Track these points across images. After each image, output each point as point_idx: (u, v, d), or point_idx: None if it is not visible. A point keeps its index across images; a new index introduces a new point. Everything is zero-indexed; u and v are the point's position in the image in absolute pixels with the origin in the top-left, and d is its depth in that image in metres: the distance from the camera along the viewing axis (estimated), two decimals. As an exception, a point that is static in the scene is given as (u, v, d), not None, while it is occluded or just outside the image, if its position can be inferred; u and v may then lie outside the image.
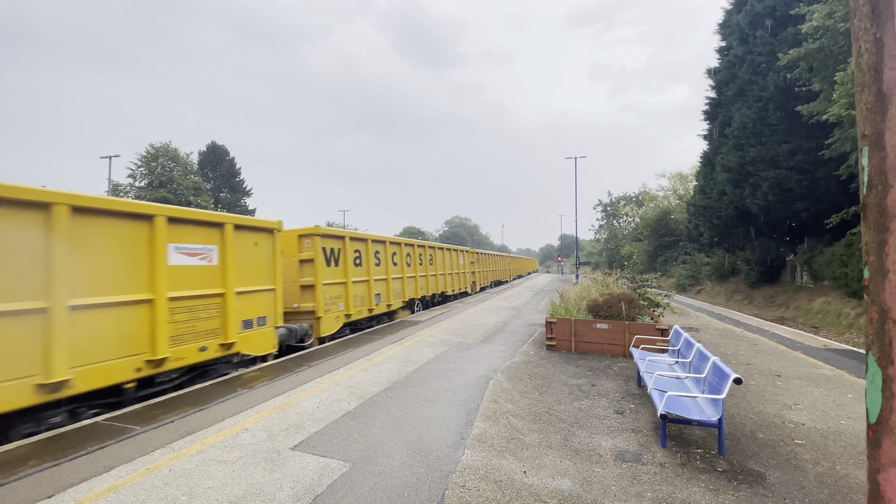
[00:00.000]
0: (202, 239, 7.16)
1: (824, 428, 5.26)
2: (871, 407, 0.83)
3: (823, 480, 3.97)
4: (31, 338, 4.80)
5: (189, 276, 6.86)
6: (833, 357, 9.34)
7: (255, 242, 8.31)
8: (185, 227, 6.85)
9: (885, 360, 0.82)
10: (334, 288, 10.97)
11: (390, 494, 3.59)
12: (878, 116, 0.79)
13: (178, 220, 6.71)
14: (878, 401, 0.82)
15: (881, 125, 0.79)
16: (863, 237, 0.86)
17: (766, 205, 19.17)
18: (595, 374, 7.55)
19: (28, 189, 4.87)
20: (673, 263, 38.40)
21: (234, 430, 4.92)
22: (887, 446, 0.81)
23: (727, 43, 22.64)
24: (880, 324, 0.83)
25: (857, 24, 0.83)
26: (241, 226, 7.94)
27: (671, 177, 47.32)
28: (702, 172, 26.98)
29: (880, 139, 0.80)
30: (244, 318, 7.90)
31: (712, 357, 5.10)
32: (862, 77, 0.82)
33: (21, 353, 4.73)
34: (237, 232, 7.81)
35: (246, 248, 8.07)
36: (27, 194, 4.83)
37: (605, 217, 66.96)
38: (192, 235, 7.00)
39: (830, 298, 15.80)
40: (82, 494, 3.57)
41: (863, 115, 0.82)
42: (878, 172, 0.78)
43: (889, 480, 0.81)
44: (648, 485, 3.83)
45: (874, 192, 0.82)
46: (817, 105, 14.43)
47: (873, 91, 0.79)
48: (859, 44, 0.82)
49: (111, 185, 37.31)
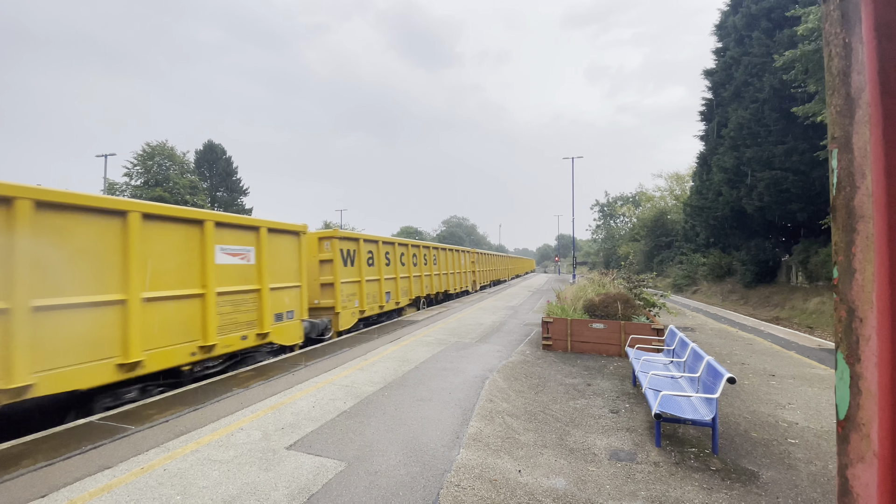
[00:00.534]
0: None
1: (818, 427, 5.29)
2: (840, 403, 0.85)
3: (816, 479, 4.00)
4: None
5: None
6: (827, 357, 9.40)
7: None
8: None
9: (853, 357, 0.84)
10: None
11: (385, 494, 3.60)
12: (846, 119, 0.81)
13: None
14: (847, 397, 0.84)
15: (849, 128, 0.81)
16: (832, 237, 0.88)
17: (762, 205, 19.26)
18: (591, 374, 7.58)
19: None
20: (669, 263, 38.54)
21: (230, 430, 4.92)
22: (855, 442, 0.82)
23: (724, 44, 22.74)
24: (848, 322, 0.84)
25: (828, 28, 0.85)
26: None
27: (668, 177, 47.56)
28: (698, 173, 27.09)
29: (848, 142, 0.81)
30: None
31: (706, 357, 5.13)
32: (832, 81, 0.84)
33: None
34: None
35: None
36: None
37: (602, 217, 67.19)
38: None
39: (825, 299, 15.89)
40: (76, 494, 3.57)
41: (832, 118, 0.83)
42: (846, 174, 0.80)
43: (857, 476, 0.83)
44: (642, 483, 3.85)
45: (843, 193, 0.84)
46: (812, 106, 14.51)
47: (842, 94, 0.81)
48: (830, 48, 0.83)
49: (107, 184, 37.18)
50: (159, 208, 6.51)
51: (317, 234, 11.45)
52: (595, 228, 69.09)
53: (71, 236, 5.33)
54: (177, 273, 6.71)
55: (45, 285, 4.99)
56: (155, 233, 6.36)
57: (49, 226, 5.09)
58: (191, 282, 6.95)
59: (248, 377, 7.23)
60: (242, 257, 8.06)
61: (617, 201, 64.47)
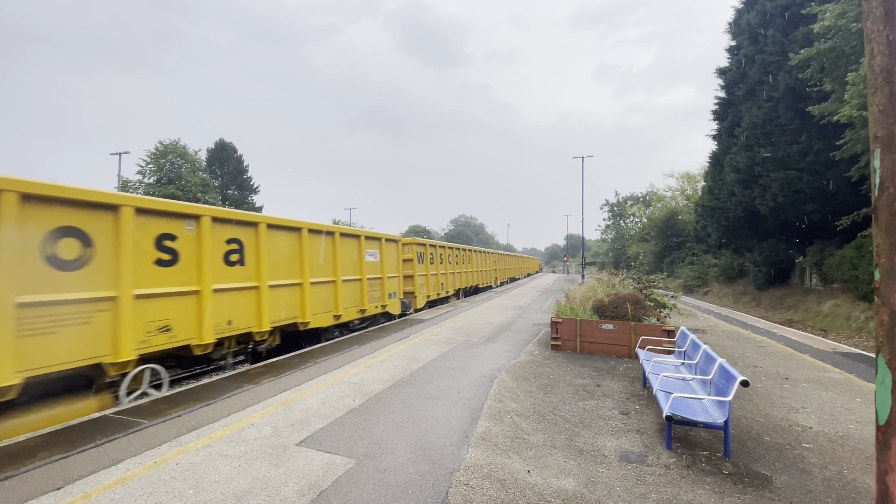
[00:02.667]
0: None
1: (832, 432, 5.21)
2: (880, 409, 0.83)
3: (831, 485, 3.93)
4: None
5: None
6: (842, 360, 9.24)
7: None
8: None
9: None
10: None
11: (394, 491, 3.61)
12: (890, 119, 0.78)
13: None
14: (888, 403, 0.81)
15: (893, 127, 0.78)
16: (874, 239, 0.86)
17: (776, 206, 18.96)
18: (600, 375, 7.53)
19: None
20: (680, 264, 38.15)
21: (241, 426, 4.96)
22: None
23: (737, 42, 22.39)
24: (890, 325, 0.82)
25: (871, 26, 0.82)
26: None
27: (679, 177, 47.05)
28: (710, 173, 26.75)
29: (893, 141, 0.79)
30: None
31: (719, 359, 5.06)
32: (874, 79, 0.81)
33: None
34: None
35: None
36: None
37: (611, 217, 66.66)
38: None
39: (840, 301, 15.62)
40: (91, 486, 3.62)
41: (875, 118, 0.81)
42: (890, 175, 0.78)
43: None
44: (653, 486, 3.81)
45: (886, 194, 0.81)
46: (829, 105, 14.25)
47: (886, 93, 0.78)
48: (872, 46, 0.81)
49: (120, 182, 37.67)
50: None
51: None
52: (605, 228, 68.59)
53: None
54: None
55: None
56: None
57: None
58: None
59: (258, 373, 7.28)
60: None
61: (627, 201, 63.92)
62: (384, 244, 13.42)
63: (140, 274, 6.06)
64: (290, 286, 9.10)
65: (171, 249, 6.60)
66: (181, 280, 6.70)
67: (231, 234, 7.71)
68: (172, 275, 6.57)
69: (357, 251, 11.88)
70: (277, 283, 8.69)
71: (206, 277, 7.01)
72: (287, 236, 9.14)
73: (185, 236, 6.82)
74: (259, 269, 8.22)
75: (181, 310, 6.67)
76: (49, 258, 5.09)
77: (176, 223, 6.67)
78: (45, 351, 4.99)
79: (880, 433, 0.83)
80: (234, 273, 7.71)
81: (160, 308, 6.34)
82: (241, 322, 7.81)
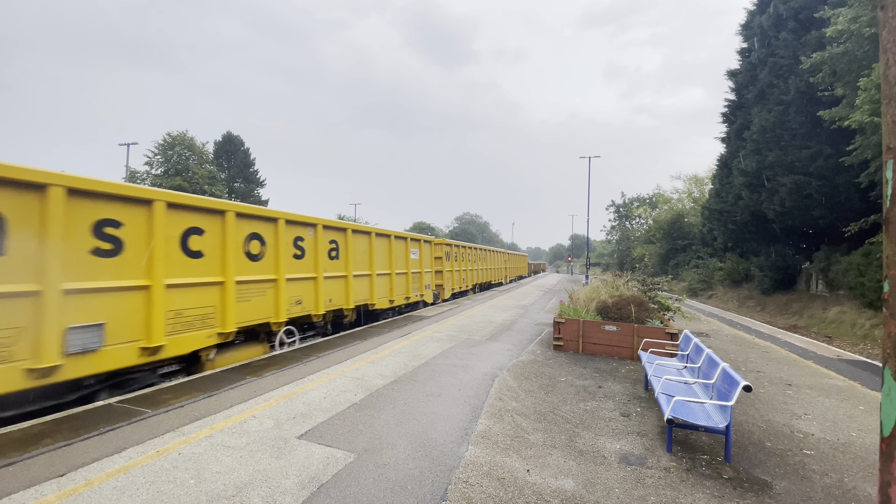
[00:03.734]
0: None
1: (834, 439, 5.18)
2: (885, 420, 0.82)
3: (831, 492, 3.91)
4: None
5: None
6: (846, 368, 9.18)
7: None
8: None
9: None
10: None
11: (394, 486, 3.63)
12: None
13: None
14: (893, 414, 0.81)
15: (906, 138, 0.77)
16: (884, 251, 0.85)
17: (784, 211, 18.82)
18: (602, 376, 7.52)
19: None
20: (685, 267, 37.96)
21: (243, 417, 4.99)
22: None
23: (749, 45, 22.19)
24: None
25: (886, 36, 0.81)
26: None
27: (686, 179, 46.74)
28: (718, 176, 26.58)
29: (905, 152, 0.78)
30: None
31: (722, 363, 5.04)
32: (889, 89, 0.80)
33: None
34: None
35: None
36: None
37: (617, 218, 66.33)
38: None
39: (845, 308, 15.51)
40: (93, 474, 3.66)
41: (889, 128, 0.80)
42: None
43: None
44: (652, 489, 3.81)
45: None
46: (839, 110, 14.11)
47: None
48: (887, 56, 0.80)
49: (128, 172, 37.87)
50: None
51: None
52: (610, 229, 68.23)
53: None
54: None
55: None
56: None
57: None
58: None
59: (261, 366, 7.33)
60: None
61: (633, 202, 63.57)
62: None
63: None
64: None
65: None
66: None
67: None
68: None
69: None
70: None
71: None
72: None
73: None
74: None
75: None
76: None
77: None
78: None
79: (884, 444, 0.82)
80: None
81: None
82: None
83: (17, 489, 3.39)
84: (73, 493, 3.37)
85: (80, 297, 5.19)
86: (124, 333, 5.67)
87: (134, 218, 5.87)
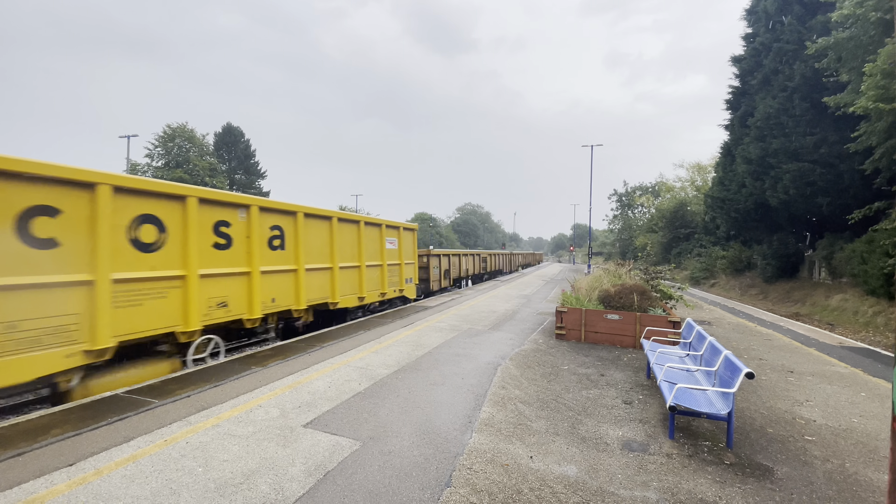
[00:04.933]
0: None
1: (836, 425, 5.21)
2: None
3: (832, 477, 3.95)
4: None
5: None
6: (848, 355, 9.20)
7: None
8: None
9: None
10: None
11: (399, 473, 3.67)
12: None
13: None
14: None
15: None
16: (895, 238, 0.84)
17: (787, 198, 18.71)
18: (604, 364, 7.55)
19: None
20: (687, 256, 37.88)
21: (249, 406, 5.05)
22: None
23: (754, 30, 21.88)
24: (906, 321, 0.81)
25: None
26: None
27: (689, 167, 46.45)
28: (721, 164, 26.38)
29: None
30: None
31: (724, 350, 5.06)
32: None
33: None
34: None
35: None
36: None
37: (619, 207, 66.04)
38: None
39: (848, 296, 15.49)
40: (102, 463, 3.71)
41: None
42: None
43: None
44: (655, 475, 3.85)
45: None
46: (844, 97, 13.96)
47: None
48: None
49: (129, 165, 37.83)
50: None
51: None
52: (612, 218, 67.93)
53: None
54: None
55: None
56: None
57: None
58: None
59: (266, 356, 7.38)
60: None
61: (636, 191, 63.24)
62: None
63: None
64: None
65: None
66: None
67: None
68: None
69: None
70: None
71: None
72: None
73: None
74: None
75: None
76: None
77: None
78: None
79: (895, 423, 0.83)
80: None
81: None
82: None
83: (28, 478, 3.45)
84: (83, 481, 3.42)
85: None
86: None
87: None
